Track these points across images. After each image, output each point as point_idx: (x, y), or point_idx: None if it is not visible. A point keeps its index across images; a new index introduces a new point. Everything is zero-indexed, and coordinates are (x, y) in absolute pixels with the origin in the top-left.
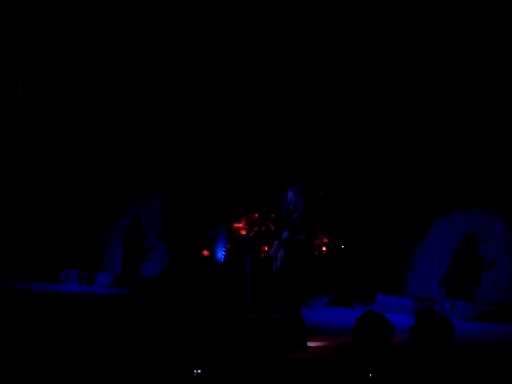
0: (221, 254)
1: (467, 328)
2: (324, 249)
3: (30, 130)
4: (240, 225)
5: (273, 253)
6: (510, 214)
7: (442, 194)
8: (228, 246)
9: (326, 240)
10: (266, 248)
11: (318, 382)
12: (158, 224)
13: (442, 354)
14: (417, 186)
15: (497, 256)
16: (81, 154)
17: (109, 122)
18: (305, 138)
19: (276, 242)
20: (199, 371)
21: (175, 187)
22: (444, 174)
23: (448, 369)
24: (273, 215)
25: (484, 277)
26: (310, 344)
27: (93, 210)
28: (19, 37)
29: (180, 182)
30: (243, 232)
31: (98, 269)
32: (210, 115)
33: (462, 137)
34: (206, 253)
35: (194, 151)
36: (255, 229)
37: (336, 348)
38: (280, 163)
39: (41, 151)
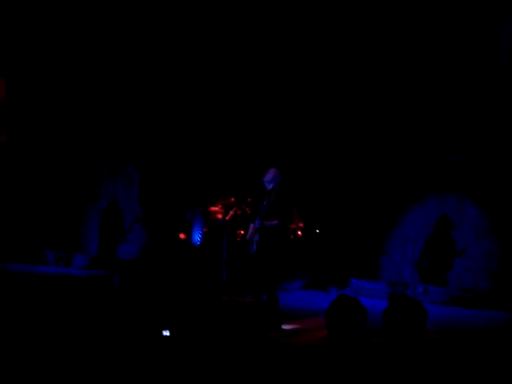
0: (197, 237)
1: (439, 313)
2: (299, 233)
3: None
4: (216, 208)
5: (248, 237)
6: (483, 200)
7: (417, 179)
8: (204, 230)
9: (301, 224)
10: (242, 232)
11: (290, 365)
12: (135, 206)
13: (414, 338)
14: (392, 170)
15: (469, 242)
16: (59, 135)
17: (87, 104)
18: (281, 122)
19: (252, 226)
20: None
21: (153, 169)
22: (419, 159)
23: (420, 353)
24: (249, 199)
25: (457, 262)
26: (284, 327)
27: (71, 192)
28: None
29: (158, 165)
30: (219, 216)
31: (76, 250)
32: (189, 99)
33: (436, 123)
34: (182, 236)
35: (172, 134)
36: (231, 212)
37: (309, 331)
38: (256, 147)
39: (19, 134)
